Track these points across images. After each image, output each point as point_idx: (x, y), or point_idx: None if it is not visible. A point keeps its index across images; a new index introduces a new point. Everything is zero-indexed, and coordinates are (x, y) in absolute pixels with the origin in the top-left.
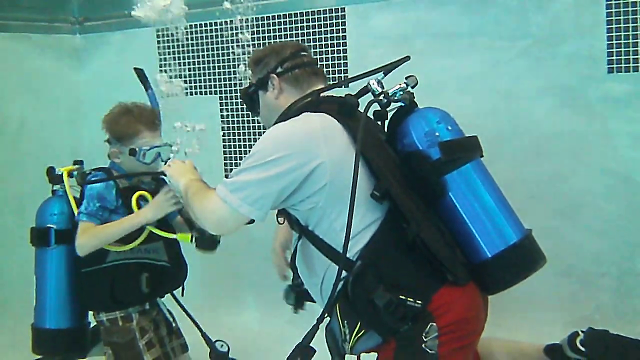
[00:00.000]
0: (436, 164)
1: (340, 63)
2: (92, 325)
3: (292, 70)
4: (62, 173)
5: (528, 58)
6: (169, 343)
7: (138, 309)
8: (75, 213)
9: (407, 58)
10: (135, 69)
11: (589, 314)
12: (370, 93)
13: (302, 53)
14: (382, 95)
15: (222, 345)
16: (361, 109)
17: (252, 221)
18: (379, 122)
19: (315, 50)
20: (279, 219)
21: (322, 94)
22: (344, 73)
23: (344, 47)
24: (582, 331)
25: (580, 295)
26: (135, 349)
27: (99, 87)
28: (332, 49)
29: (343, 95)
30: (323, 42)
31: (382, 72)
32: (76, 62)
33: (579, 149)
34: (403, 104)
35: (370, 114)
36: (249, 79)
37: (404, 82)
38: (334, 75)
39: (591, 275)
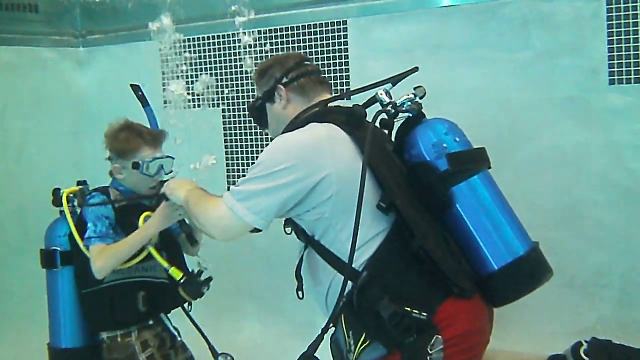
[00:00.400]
0: (443, 175)
1: (342, 75)
2: None
3: (298, 79)
4: (62, 195)
5: (529, 70)
6: (175, 358)
7: (138, 327)
8: (76, 236)
9: (416, 69)
10: (131, 85)
11: (591, 326)
12: (378, 103)
13: (306, 62)
14: (390, 105)
15: (226, 358)
16: (369, 119)
17: (258, 230)
18: (386, 132)
19: (317, 62)
20: (286, 228)
21: (329, 104)
22: (345, 85)
23: (346, 60)
24: (585, 341)
25: (583, 306)
26: None
27: (102, 99)
28: (334, 61)
29: (350, 106)
30: (325, 55)
31: (390, 83)
32: (79, 74)
33: (580, 160)
34: (411, 115)
35: (377, 124)
36: (255, 93)
37: (412, 93)
38: (335, 88)
39: (593, 286)
